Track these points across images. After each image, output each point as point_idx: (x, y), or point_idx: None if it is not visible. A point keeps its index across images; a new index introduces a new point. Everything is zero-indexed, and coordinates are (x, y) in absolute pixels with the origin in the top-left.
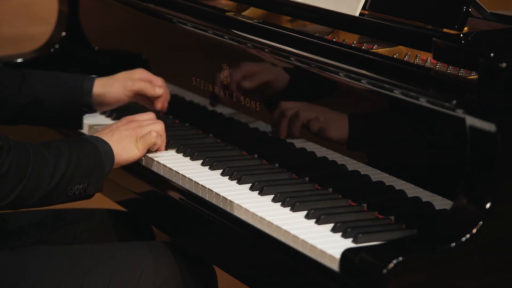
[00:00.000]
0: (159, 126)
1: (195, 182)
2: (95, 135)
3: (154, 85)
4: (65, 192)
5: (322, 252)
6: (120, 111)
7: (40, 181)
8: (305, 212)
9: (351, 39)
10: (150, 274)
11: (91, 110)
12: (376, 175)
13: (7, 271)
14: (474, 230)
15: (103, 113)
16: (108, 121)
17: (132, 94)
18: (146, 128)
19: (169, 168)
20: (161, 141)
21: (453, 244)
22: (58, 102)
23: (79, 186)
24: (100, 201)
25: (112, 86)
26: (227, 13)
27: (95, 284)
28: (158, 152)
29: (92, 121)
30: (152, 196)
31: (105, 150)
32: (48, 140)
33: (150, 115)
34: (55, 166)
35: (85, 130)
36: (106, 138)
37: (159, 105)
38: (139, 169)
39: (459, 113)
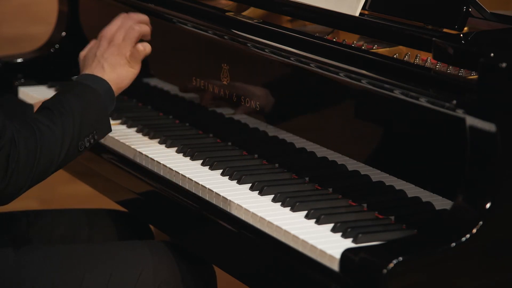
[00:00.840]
0: (130, 22)
1: (195, 182)
2: (86, 72)
3: None
4: (76, 149)
5: (322, 252)
6: (117, 110)
7: (52, 155)
8: (305, 212)
9: (351, 39)
10: (149, 273)
11: None
12: (376, 175)
13: (6, 271)
14: (474, 230)
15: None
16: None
17: None
18: (126, 40)
19: (169, 168)
20: (140, 30)
21: (453, 244)
22: None
23: (88, 137)
24: (100, 201)
25: None
26: (227, 13)
27: (95, 283)
28: (157, 152)
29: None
30: (152, 196)
31: (104, 89)
32: None
33: (121, 19)
34: (62, 134)
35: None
36: (99, 72)
37: None
38: (139, 169)
39: (459, 113)
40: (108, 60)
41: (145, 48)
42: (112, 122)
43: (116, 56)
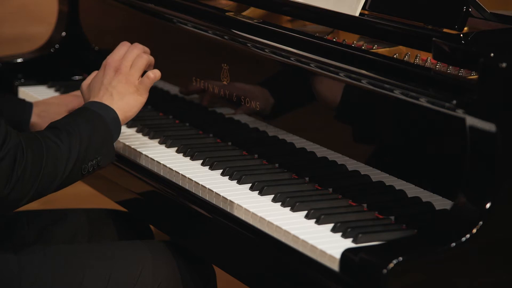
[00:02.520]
0: (138, 50)
1: (195, 182)
2: (95, 100)
3: None
4: (79, 172)
5: (322, 252)
6: None
7: (56, 171)
8: (305, 212)
9: (351, 39)
10: (149, 273)
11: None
12: (376, 175)
13: (6, 271)
14: (474, 230)
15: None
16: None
17: None
18: (135, 68)
19: (169, 168)
20: (148, 59)
21: (453, 244)
22: None
23: (92, 162)
24: (101, 201)
25: (46, 119)
26: (227, 13)
27: (95, 283)
28: (157, 152)
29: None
30: (152, 196)
31: (111, 117)
32: None
33: (125, 47)
34: (69, 152)
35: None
36: (107, 101)
37: None
38: (139, 169)
39: (459, 113)
40: (117, 88)
41: (155, 75)
42: None
43: (125, 84)
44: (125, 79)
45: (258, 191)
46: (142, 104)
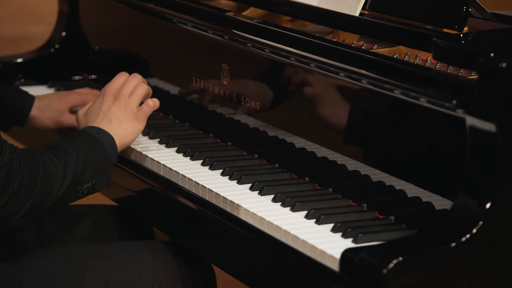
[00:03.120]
0: (138, 80)
1: (195, 182)
2: (93, 125)
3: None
4: (74, 193)
5: (322, 252)
6: None
7: (51, 189)
8: (305, 212)
9: (351, 39)
10: (149, 273)
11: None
12: (376, 175)
13: (5, 271)
14: (474, 230)
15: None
16: None
17: (62, 126)
18: (135, 96)
19: (169, 168)
20: (148, 88)
21: (453, 244)
22: None
23: (87, 184)
24: (100, 201)
25: (46, 114)
26: (227, 13)
27: (94, 283)
28: (157, 152)
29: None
30: (151, 196)
31: (108, 142)
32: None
33: (124, 77)
34: (65, 171)
35: None
36: (105, 126)
37: None
38: (139, 169)
39: (459, 113)
40: (116, 114)
41: (155, 103)
42: None
43: (124, 111)
44: (124, 106)
45: (258, 191)
46: (140, 131)
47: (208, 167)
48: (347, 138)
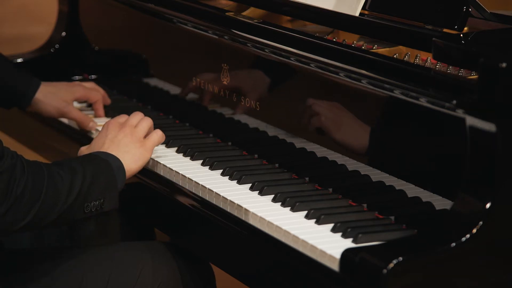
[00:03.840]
0: (141, 115)
1: (195, 182)
2: (101, 150)
3: (87, 120)
4: (81, 209)
5: (322, 252)
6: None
7: (56, 199)
8: (305, 212)
9: (351, 39)
10: (149, 274)
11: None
12: (376, 175)
13: (5, 272)
14: (474, 230)
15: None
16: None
17: (63, 117)
18: (140, 126)
19: (169, 168)
20: (151, 123)
21: (453, 244)
22: None
23: (95, 202)
24: None
25: (51, 101)
26: (227, 13)
27: (94, 284)
28: (157, 152)
29: None
30: (151, 196)
31: (116, 165)
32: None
33: (126, 116)
34: (71, 183)
35: None
36: (113, 151)
37: (96, 112)
38: None
39: (459, 113)
40: (123, 141)
41: (163, 134)
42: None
43: (130, 138)
44: (130, 135)
45: (258, 191)
46: (147, 159)
47: (208, 167)
48: (347, 138)
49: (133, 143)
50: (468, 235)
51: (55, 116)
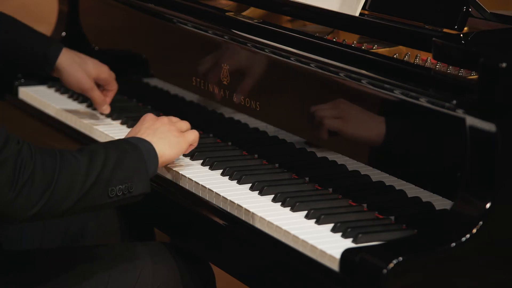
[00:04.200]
0: (189, 124)
1: (195, 182)
2: (131, 135)
3: (104, 103)
4: (105, 194)
5: (322, 252)
6: (117, 110)
7: (71, 184)
8: (305, 212)
9: (351, 39)
10: (148, 275)
11: (46, 74)
12: (376, 175)
13: (5, 272)
14: (474, 230)
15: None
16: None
17: (85, 93)
18: (181, 123)
19: (168, 168)
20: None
21: (453, 244)
22: (15, 59)
23: (121, 186)
24: None
25: (75, 72)
26: (227, 13)
27: (94, 285)
28: None
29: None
30: (151, 196)
31: (146, 148)
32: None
33: (186, 124)
34: (89, 166)
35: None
36: (147, 137)
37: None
38: None
39: (459, 113)
40: (160, 129)
41: (197, 136)
42: (112, 122)
43: (168, 126)
44: (168, 124)
45: (258, 191)
46: (183, 150)
47: (208, 167)
48: (347, 138)
49: (171, 131)
50: (468, 235)
51: (74, 88)
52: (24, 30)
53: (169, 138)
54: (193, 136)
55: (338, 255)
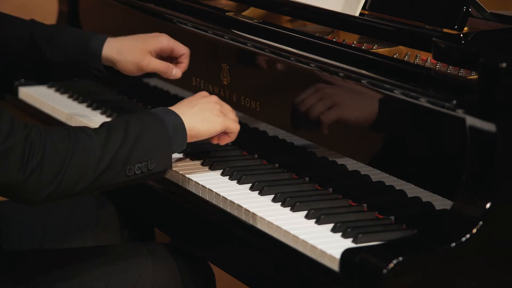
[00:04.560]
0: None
1: (195, 182)
2: (170, 108)
3: (170, 68)
4: (122, 173)
5: (322, 252)
6: (118, 110)
7: (86, 164)
8: (305, 212)
9: (351, 39)
10: (148, 275)
11: (103, 73)
12: (376, 175)
13: (4, 272)
14: (474, 230)
15: (102, 113)
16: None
17: (145, 72)
18: (229, 108)
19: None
20: (234, 134)
21: (453, 244)
22: (61, 61)
23: (139, 165)
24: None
25: (125, 57)
26: (227, 13)
27: (94, 285)
28: None
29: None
30: (151, 196)
31: (173, 123)
32: None
33: (234, 113)
34: (105, 146)
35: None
36: (182, 110)
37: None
38: None
39: (459, 113)
40: (202, 103)
41: (238, 126)
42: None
43: (213, 104)
44: (214, 102)
45: (258, 191)
46: (215, 130)
47: (208, 167)
48: (347, 138)
49: (211, 109)
50: (468, 235)
51: (135, 74)
52: (65, 32)
53: (204, 113)
54: (233, 124)
55: (338, 255)
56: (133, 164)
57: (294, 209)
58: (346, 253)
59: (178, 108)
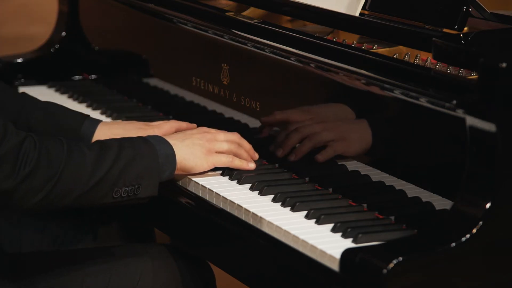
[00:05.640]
0: (234, 137)
1: (195, 182)
2: (164, 137)
3: None
4: (109, 194)
5: (322, 252)
6: (117, 110)
7: (75, 179)
8: (305, 212)
9: (351, 39)
10: (148, 277)
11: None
12: (376, 175)
13: (5, 274)
14: (474, 230)
15: (102, 113)
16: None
17: None
18: (221, 144)
19: None
20: (239, 162)
21: (453, 244)
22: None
23: (127, 188)
24: None
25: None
26: (227, 13)
27: (95, 286)
28: None
29: None
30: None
31: (165, 153)
32: None
33: (229, 136)
34: (96, 164)
35: None
36: (174, 141)
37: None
38: None
39: (459, 113)
40: (193, 139)
41: (230, 162)
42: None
43: (205, 142)
44: (205, 140)
45: (258, 191)
46: (201, 169)
47: None
48: (347, 138)
49: (201, 146)
50: (468, 235)
51: None
52: (58, 109)
53: (195, 151)
54: (224, 160)
55: (338, 255)
56: (120, 187)
57: (294, 209)
58: (346, 253)
59: (171, 139)
